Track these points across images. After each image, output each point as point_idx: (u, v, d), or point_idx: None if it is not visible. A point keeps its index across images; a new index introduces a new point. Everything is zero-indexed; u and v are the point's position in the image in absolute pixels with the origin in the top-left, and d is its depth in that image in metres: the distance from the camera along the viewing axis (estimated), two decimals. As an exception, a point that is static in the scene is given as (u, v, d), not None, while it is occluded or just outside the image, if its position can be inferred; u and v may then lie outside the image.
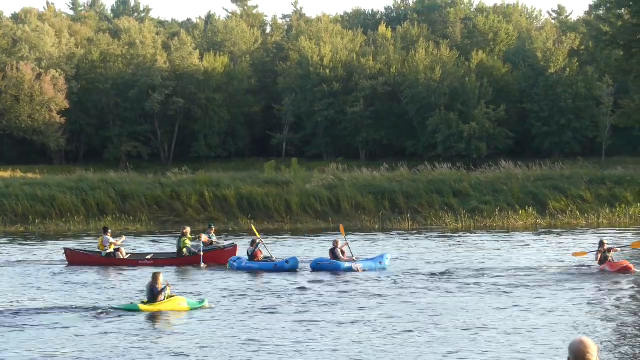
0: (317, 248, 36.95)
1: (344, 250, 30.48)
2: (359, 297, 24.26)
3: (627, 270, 28.00)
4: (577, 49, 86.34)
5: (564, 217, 48.34)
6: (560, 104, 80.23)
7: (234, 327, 20.25)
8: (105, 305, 22.86)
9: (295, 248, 36.80)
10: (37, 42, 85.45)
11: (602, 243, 29.38)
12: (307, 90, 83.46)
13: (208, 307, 22.64)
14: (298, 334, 19.28)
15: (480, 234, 42.81)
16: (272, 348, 18.00)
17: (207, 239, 33.30)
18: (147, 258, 32.33)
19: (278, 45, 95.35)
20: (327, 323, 20.46)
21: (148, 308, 22.25)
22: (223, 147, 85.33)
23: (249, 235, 38.26)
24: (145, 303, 22.47)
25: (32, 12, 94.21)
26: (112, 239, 32.46)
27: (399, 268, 29.99)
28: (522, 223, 47.67)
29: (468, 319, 20.61)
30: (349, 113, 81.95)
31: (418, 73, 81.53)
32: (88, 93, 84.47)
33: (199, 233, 34.30)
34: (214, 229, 35.44)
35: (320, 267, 29.67)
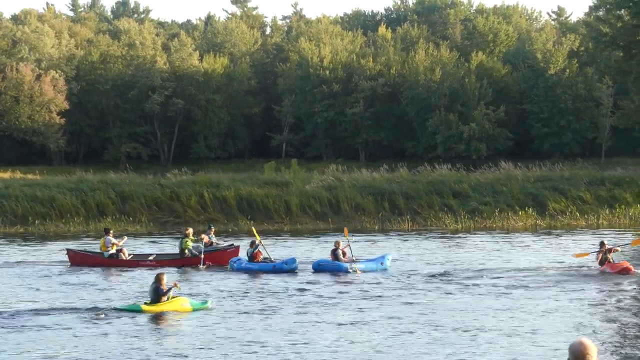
0: (316, 249, 36.94)
1: (345, 252, 30.47)
2: (359, 298, 24.26)
3: (627, 272, 28.02)
4: (576, 50, 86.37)
5: (564, 218, 48.34)
6: (560, 105, 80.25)
7: (234, 327, 20.24)
8: (108, 306, 22.85)
9: (295, 249, 36.77)
10: (36, 43, 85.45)
11: (602, 244, 29.41)
12: (306, 92, 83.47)
13: (211, 307, 22.63)
14: (297, 335, 19.28)
15: (480, 235, 42.80)
16: (271, 349, 18.00)
17: (207, 239, 33.33)
18: (149, 259, 32.31)
19: (278, 47, 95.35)
20: (326, 324, 20.46)
21: (151, 309, 22.24)
22: (223, 148, 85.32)
23: (249, 236, 38.27)
24: (148, 304, 22.47)
25: (31, 13, 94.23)
26: (114, 240, 32.38)
27: (399, 269, 29.98)
28: (521, 224, 47.66)
29: (468, 320, 20.61)
30: (349, 114, 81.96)
31: (418, 74, 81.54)
32: (88, 94, 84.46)
33: (200, 234, 34.30)
34: (214, 230, 35.45)
35: (322, 268, 29.65)
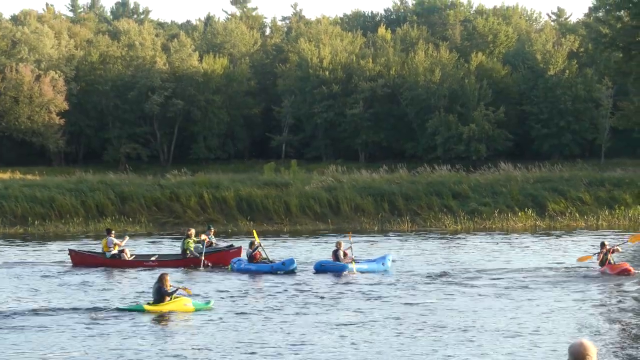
0: (316, 249, 36.94)
1: (347, 252, 30.46)
2: (359, 298, 24.26)
3: (627, 273, 28.02)
4: (576, 51, 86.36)
5: (563, 219, 48.34)
6: (560, 106, 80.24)
7: (233, 328, 20.23)
8: (107, 306, 22.84)
9: (295, 250, 36.77)
10: (36, 43, 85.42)
11: (603, 244, 29.37)
12: (306, 92, 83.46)
13: (213, 308, 22.62)
14: (297, 336, 19.27)
15: (480, 236, 42.80)
16: (271, 349, 17.99)
17: (206, 239, 33.34)
18: (151, 259, 32.33)
19: (277, 47, 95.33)
20: (326, 324, 20.44)
21: (153, 309, 22.24)
22: (222, 148, 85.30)
23: (248, 237, 38.27)
24: (151, 304, 22.47)
25: (31, 13, 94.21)
26: (116, 240, 32.37)
27: (399, 270, 29.99)
28: (521, 225, 47.67)
29: (467, 321, 20.60)
30: (348, 115, 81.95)
31: (417, 75, 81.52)
32: (87, 94, 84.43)
33: (199, 233, 34.29)
34: (213, 231, 35.46)
35: (324, 268, 29.65)
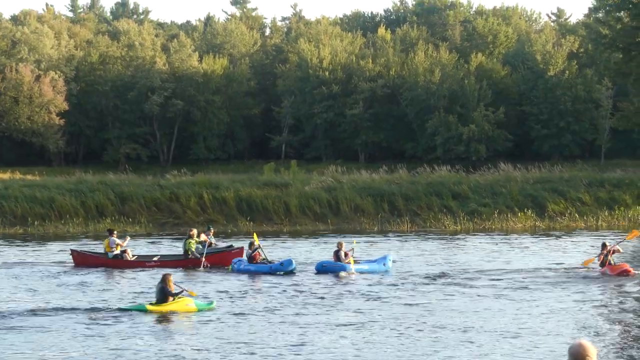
0: (315, 250, 36.94)
1: (348, 253, 30.46)
2: (358, 299, 24.25)
3: (626, 274, 28.00)
4: (576, 52, 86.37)
5: (563, 219, 48.34)
6: (560, 107, 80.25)
7: (233, 328, 20.22)
8: (112, 307, 22.84)
9: (294, 250, 36.76)
10: (36, 43, 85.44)
11: (604, 245, 29.30)
12: (306, 93, 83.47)
13: (215, 308, 22.61)
14: (296, 336, 19.26)
15: (479, 237, 42.80)
16: (270, 350, 17.98)
17: (206, 239, 33.35)
18: (153, 260, 32.39)
19: (277, 48, 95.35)
20: (326, 325, 20.43)
21: (156, 309, 22.25)
22: (222, 149, 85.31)
23: (248, 237, 38.26)
24: (154, 304, 22.48)
25: (31, 13, 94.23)
26: (118, 240, 32.48)
27: (399, 270, 29.98)
28: (521, 225, 47.67)
29: (467, 322, 20.59)
30: (348, 115, 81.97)
31: (417, 75, 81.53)
32: (87, 95, 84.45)
33: (199, 235, 34.27)
34: (213, 231, 35.46)
35: (325, 269, 29.64)
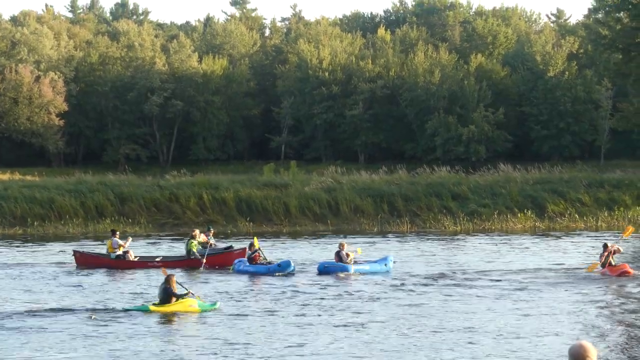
0: (315, 250, 36.94)
1: (349, 254, 30.46)
2: (358, 299, 24.24)
3: (626, 274, 27.99)
4: (576, 53, 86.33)
5: (563, 220, 48.35)
6: (559, 107, 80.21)
7: (233, 329, 20.21)
8: (115, 307, 22.84)
9: (294, 251, 36.74)
10: (35, 44, 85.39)
11: (606, 246, 29.22)
12: (306, 93, 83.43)
13: (219, 309, 22.62)
14: (296, 337, 19.25)
15: (479, 237, 42.82)
16: (270, 351, 17.96)
17: (205, 239, 33.39)
18: (156, 260, 32.46)
19: (277, 48, 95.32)
20: (325, 325, 20.43)
21: (159, 309, 22.26)
22: (222, 149, 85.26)
23: (247, 238, 38.28)
24: (157, 304, 22.50)
25: (30, 14, 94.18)
26: (120, 241, 32.63)
27: (398, 271, 29.98)
28: (520, 226, 47.68)
29: (466, 322, 20.58)
30: (348, 116, 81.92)
31: (417, 76, 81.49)
32: (87, 95, 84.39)
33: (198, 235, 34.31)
34: (213, 232, 35.47)
35: (328, 269, 29.63)
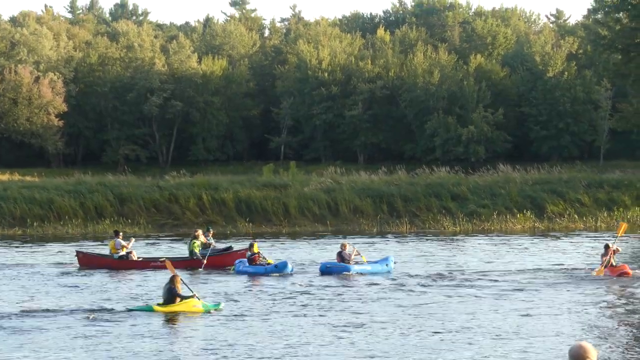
0: (314, 251, 36.94)
1: (351, 254, 30.44)
2: (358, 300, 24.23)
3: (626, 275, 27.98)
4: (575, 53, 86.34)
5: (562, 220, 48.35)
6: (559, 108, 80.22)
7: (232, 329, 20.20)
8: (119, 307, 22.85)
9: (294, 251, 36.74)
10: (35, 45, 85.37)
11: (607, 246, 29.13)
12: (305, 94, 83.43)
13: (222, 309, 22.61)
14: (296, 337, 19.24)
15: (478, 238, 42.82)
16: (270, 351, 17.96)
17: (204, 240, 33.40)
18: (159, 260, 32.48)
19: (276, 49, 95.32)
20: (325, 326, 20.42)
21: (163, 309, 22.27)
22: (221, 150, 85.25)
23: (247, 238, 38.30)
24: (161, 304, 22.51)
25: (30, 15, 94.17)
26: (123, 242, 32.71)
27: (398, 271, 29.98)
28: (520, 226, 47.68)
29: (466, 323, 20.58)
30: (347, 116, 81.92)
31: (416, 76, 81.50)
32: (86, 96, 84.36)
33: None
34: (212, 232, 35.48)
35: (330, 270, 29.62)
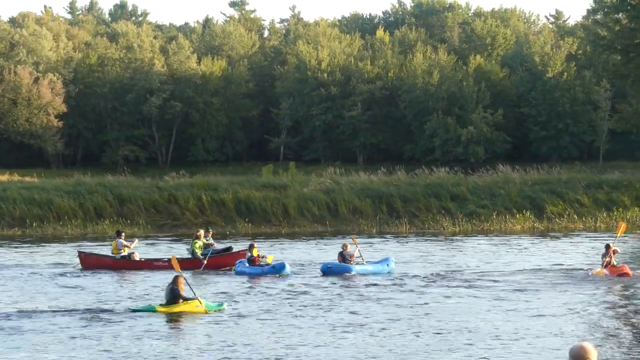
0: (313, 251, 36.94)
1: (352, 254, 30.44)
2: (357, 300, 24.22)
3: (626, 276, 27.97)
4: (574, 54, 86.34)
5: (562, 221, 48.37)
6: (558, 108, 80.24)
7: (234, 330, 20.19)
8: (121, 307, 22.86)
9: (293, 252, 36.74)
10: (34, 45, 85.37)
11: (608, 247, 29.10)
12: (304, 94, 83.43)
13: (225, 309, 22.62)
14: (295, 338, 19.23)
15: (478, 238, 42.82)
16: (269, 351, 17.95)
17: (204, 241, 33.40)
18: (162, 261, 32.50)
19: (276, 49, 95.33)
20: (324, 326, 20.41)
21: (165, 310, 22.28)
22: (221, 151, 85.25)
23: (246, 239, 38.30)
24: (164, 305, 22.51)
25: (29, 16, 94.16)
26: (125, 242, 32.71)
27: (397, 272, 29.98)
28: (519, 227, 47.69)
29: (465, 324, 20.57)
30: (347, 117, 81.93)
31: (416, 77, 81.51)
32: (86, 97, 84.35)
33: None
34: (212, 233, 35.48)
35: (331, 270, 29.60)
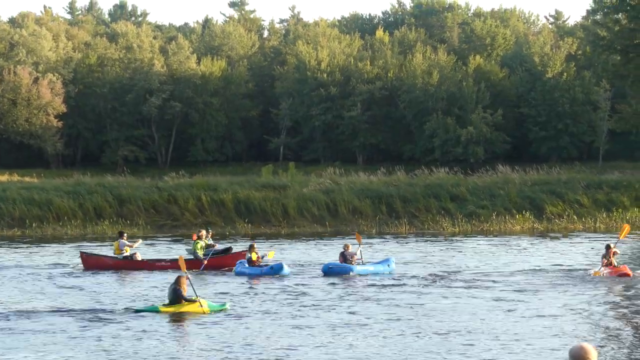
0: (313, 252, 36.93)
1: (354, 255, 30.42)
2: (357, 300, 24.22)
3: (626, 276, 27.96)
4: (574, 54, 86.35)
5: (561, 221, 48.38)
6: (558, 109, 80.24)
7: (234, 330, 20.19)
8: (124, 308, 22.89)
9: (292, 252, 36.74)
10: (34, 46, 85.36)
11: (608, 247, 29.07)
12: (304, 95, 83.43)
13: (228, 309, 22.64)
14: (295, 338, 19.23)
15: (477, 239, 42.82)
16: (268, 351, 17.96)
17: (206, 241, 33.46)
18: (164, 261, 32.51)
19: (275, 50, 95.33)
20: (323, 326, 20.41)
21: (168, 310, 22.30)
22: (220, 151, 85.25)
23: (246, 239, 38.30)
24: (166, 305, 22.53)
25: (29, 16, 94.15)
26: (128, 242, 32.73)
27: (397, 272, 29.98)
28: (519, 227, 47.69)
29: (465, 324, 20.56)
30: (346, 117, 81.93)
31: (415, 77, 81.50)
32: (85, 97, 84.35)
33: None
34: (211, 233, 35.50)
35: (332, 271, 29.58)
